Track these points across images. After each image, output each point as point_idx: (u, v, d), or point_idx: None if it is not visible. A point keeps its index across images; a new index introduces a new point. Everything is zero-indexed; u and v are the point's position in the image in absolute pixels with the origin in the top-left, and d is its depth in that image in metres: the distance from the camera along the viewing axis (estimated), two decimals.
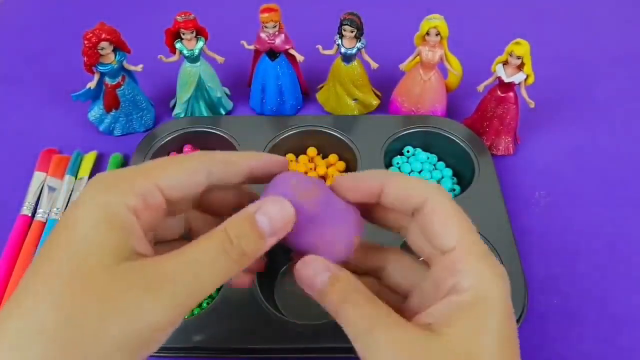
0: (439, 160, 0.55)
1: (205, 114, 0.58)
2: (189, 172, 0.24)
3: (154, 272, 0.21)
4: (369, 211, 0.28)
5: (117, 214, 0.21)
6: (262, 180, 0.27)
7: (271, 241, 0.24)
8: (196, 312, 0.43)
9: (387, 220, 0.28)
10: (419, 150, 0.55)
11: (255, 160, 0.27)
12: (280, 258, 0.47)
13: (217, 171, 0.25)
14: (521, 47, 0.49)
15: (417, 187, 0.25)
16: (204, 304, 0.44)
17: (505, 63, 0.51)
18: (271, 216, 0.24)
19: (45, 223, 0.49)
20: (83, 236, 0.21)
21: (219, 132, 0.54)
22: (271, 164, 0.27)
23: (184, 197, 0.24)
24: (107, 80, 0.54)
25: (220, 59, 0.56)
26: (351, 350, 0.41)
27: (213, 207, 0.28)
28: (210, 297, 0.45)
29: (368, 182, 0.26)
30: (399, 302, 0.27)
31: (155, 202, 0.23)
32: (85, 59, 0.51)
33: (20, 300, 0.20)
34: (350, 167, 0.53)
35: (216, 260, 0.22)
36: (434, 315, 0.23)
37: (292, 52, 0.55)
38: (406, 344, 0.22)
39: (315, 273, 0.24)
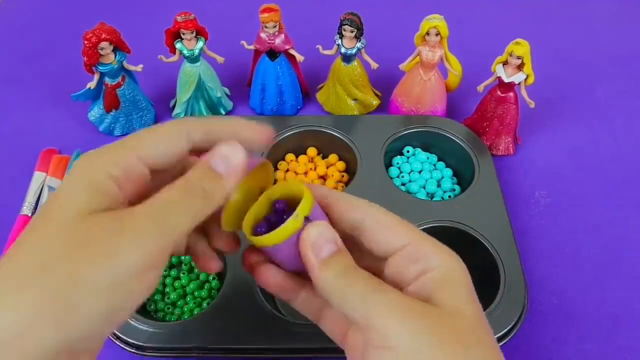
0: (439, 160, 0.55)
1: (205, 114, 0.58)
2: (168, 138, 0.25)
3: (127, 217, 0.22)
4: None
5: (98, 180, 0.23)
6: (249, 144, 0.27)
7: (230, 181, 0.25)
8: (196, 312, 0.44)
9: None
10: (419, 150, 0.55)
11: (238, 130, 0.27)
12: None
13: (196, 136, 0.26)
14: (521, 47, 0.49)
15: (356, 204, 0.28)
16: (204, 304, 0.44)
17: (505, 63, 0.51)
18: (225, 159, 0.25)
19: None
20: (64, 196, 0.23)
21: None
22: (253, 135, 0.27)
23: (167, 163, 0.25)
24: (107, 80, 0.54)
25: (220, 59, 0.56)
26: None
27: None
28: (210, 297, 0.45)
29: (320, 196, 0.28)
30: None
31: (138, 173, 0.24)
32: (85, 59, 0.51)
33: (10, 254, 0.22)
34: (350, 167, 0.53)
35: (183, 200, 0.24)
36: (414, 294, 0.25)
37: (292, 52, 0.55)
38: (409, 307, 0.24)
39: (324, 240, 0.26)
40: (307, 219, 0.26)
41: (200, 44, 0.54)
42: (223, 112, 0.60)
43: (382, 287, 0.25)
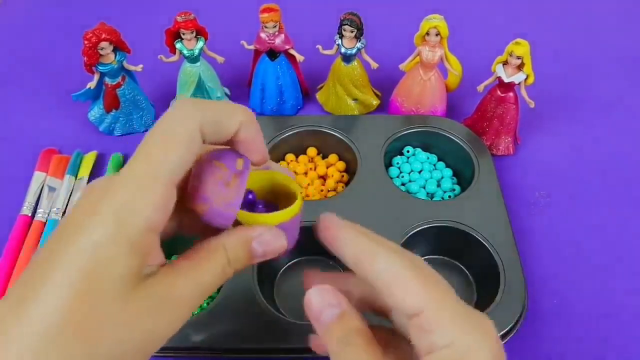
0: (439, 160, 0.55)
1: None
2: (186, 147, 0.23)
3: (164, 297, 0.22)
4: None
5: (138, 240, 0.21)
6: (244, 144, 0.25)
7: (261, 259, 0.26)
8: (196, 313, 0.43)
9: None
10: (419, 150, 0.55)
11: (244, 119, 0.25)
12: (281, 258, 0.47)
13: (208, 132, 0.24)
14: (521, 47, 0.49)
15: (368, 247, 0.25)
16: (204, 304, 0.44)
17: (505, 63, 0.51)
18: (266, 248, 0.26)
19: (45, 223, 0.49)
20: (98, 257, 0.21)
21: None
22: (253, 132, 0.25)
23: (189, 167, 0.24)
24: (107, 80, 0.54)
25: (220, 59, 0.56)
26: None
27: None
28: (210, 297, 0.45)
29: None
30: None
31: (171, 201, 0.22)
32: (85, 59, 0.51)
33: (28, 305, 0.20)
34: (350, 167, 0.53)
35: (217, 281, 0.25)
36: None
37: (292, 52, 0.55)
38: None
39: (324, 305, 0.25)
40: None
41: (200, 44, 0.54)
42: None
43: None
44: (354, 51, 0.54)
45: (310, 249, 0.48)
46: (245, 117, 0.25)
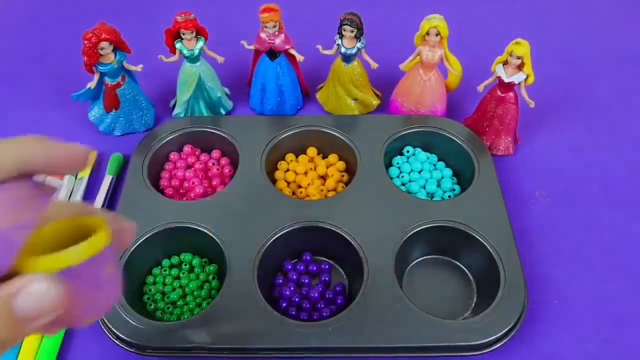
0: (439, 160, 0.55)
1: (205, 113, 0.58)
2: None
3: None
4: None
5: None
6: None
7: (35, 325, 0.20)
8: (196, 312, 0.44)
9: None
10: (419, 150, 0.55)
11: (51, 161, 0.23)
12: (279, 254, 0.47)
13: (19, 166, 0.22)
14: (521, 47, 0.49)
15: None
16: (204, 304, 0.44)
17: (505, 63, 0.51)
18: (36, 298, 0.20)
19: None
20: None
21: (219, 132, 0.54)
22: (67, 163, 0.23)
23: None
24: (107, 80, 0.54)
25: (220, 59, 0.56)
26: (351, 350, 0.41)
27: None
28: (210, 297, 0.45)
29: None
30: None
31: None
32: (85, 58, 0.51)
33: None
34: (350, 167, 0.53)
35: None
36: None
37: (292, 52, 0.55)
38: None
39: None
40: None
41: (200, 43, 0.54)
42: (223, 112, 0.60)
43: None
44: (354, 51, 0.54)
45: (310, 250, 0.48)
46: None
